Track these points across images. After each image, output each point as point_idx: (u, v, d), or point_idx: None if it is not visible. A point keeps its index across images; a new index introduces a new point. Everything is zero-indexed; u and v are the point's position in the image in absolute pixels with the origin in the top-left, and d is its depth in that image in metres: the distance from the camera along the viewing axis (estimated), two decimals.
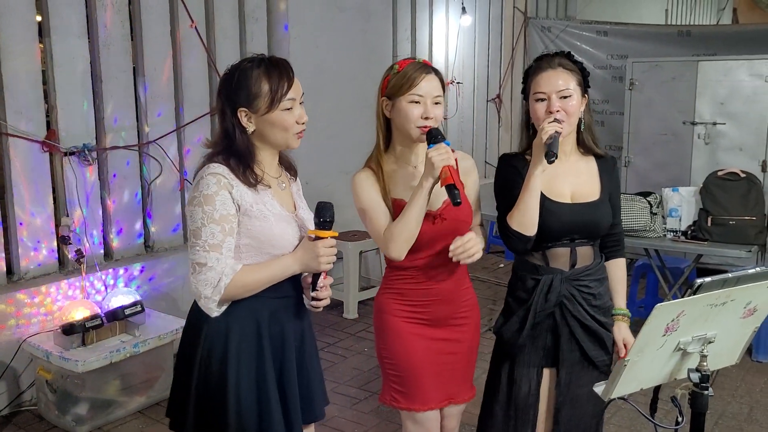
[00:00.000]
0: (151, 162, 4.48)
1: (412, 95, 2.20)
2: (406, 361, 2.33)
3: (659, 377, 1.85)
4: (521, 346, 2.38)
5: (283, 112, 1.94)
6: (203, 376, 1.99)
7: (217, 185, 1.90)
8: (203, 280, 1.89)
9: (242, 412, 1.96)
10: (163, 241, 4.61)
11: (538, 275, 2.33)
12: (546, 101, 2.26)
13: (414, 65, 2.23)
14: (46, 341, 3.71)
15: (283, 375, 2.05)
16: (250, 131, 1.97)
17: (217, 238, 1.89)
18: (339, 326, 5.19)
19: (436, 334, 2.35)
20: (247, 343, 1.99)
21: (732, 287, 1.71)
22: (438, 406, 2.39)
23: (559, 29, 7.87)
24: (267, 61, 1.97)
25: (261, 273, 1.95)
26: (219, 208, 1.89)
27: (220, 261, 1.89)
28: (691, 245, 4.45)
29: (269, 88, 1.92)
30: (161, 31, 4.45)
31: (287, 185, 2.14)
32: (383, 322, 2.38)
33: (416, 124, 2.20)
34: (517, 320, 2.37)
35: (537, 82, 2.29)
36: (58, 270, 4.07)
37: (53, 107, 3.97)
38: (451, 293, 2.35)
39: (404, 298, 2.34)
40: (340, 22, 5.60)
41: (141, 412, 3.86)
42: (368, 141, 2.43)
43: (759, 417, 3.84)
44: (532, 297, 2.33)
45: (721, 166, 5.06)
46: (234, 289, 1.91)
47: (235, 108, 1.95)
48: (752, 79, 5.77)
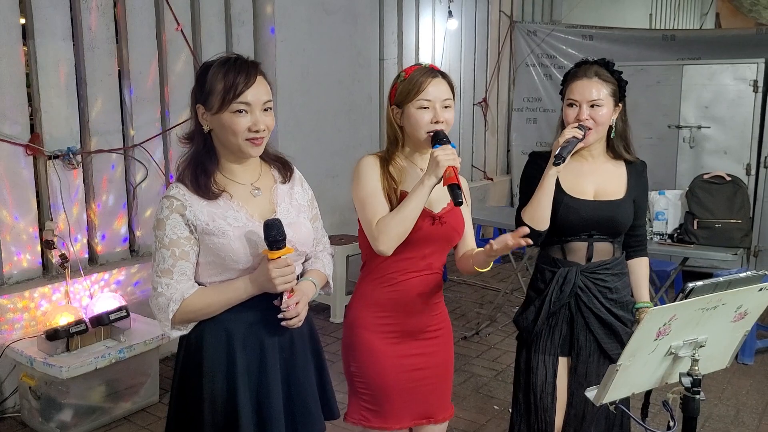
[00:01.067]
0: (136, 166, 4.45)
1: (420, 101, 2.16)
2: (379, 377, 2.25)
3: (651, 381, 1.84)
4: (537, 335, 2.49)
5: (233, 115, 1.85)
6: (181, 387, 1.97)
7: (169, 209, 1.88)
8: (155, 305, 1.89)
9: (218, 427, 1.92)
10: (149, 246, 4.56)
11: (556, 267, 2.46)
12: (577, 108, 2.38)
13: (420, 71, 2.20)
14: (30, 347, 3.66)
15: (262, 391, 1.96)
16: (206, 130, 1.91)
17: (167, 263, 1.87)
18: (326, 330, 5.17)
19: (409, 350, 2.28)
20: (218, 355, 1.93)
21: (723, 291, 1.71)
22: (411, 424, 2.32)
23: (545, 33, 7.91)
24: (232, 61, 1.89)
25: (213, 298, 1.90)
26: (169, 233, 1.87)
27: (170, 286, 1.86)
28: (677, 248, 4.47)
29: (222, 87, 1.84)
30: (147, 33, 4.42)
31: (267, 190, 2.02)
32: (355, 337, 2.28)
33: (426, 129, 2.17)
34: (533, 310, 2.49)
35: (571, 88, 2.40)
36: (42, 275, 4.03)
37: (37, 110, 3.92)
38: (423, 303, 2.27)
39: (379, 308, 2.25)
40: (326, 25, 5.58)
41: (126, 418, 3.82)
42: (355, 144, 2.43)
43: (746, 419, 3.86)
44: (548, 288, 2.45)
45: (706, 170, 5.10)
46: (183, 314, 1.88)
47: (195, 103, 1.92)
48: (736, 83, 5.82)
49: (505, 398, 4.09)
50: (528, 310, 2.51)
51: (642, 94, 6.24)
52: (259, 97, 1.88)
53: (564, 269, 2.44)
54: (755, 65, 5.74)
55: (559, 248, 2.47)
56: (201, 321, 1.94)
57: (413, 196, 2.10)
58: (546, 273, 2.49)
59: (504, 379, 4.36)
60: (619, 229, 2.47)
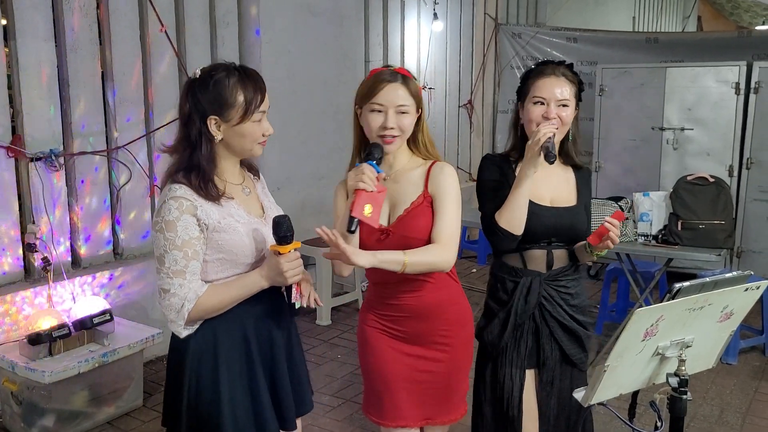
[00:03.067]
0: (120, 168, 4.41)
1: (372, 104, 2.16)
2: (377, 373, 2.29)
3: (638, 382, 1.85)
4: (503, 348, 2.40)
5: (253, 124, 1.96)
6: (194, 387, 1.98)
7: (179, 210, 1.89)
8: (167, 306, 1.92)
9: (239, 422, 1.97)
10: (133, 249, 4.53)
11: (517, 277, 2.38)
12: (544, 106, 2.31)
13: (380, 74, 2.18)
14: (12, 351, 3.62)
15: (275, 377, 2.07)
16: (218, 140, 1.96)
17: (180, 264, 1.89)
18: (312, 333, 5.15)
19: (412, 351, 2.27)
20: (236, 350, 2.00)
21: (710, 291, 1.72)
22: (413, 424, 2.30)
23: (530, 35, 7.94)
24: (241, 71, 1.97)
25: (226, 294, 1.95)
26: (181, 234, 1.89)
27: (183, 286, 1.90)
28: (661, 249, 4.49)
29: (244, 100, 1.92)
30: (130, 35, 4.38)
31: (252, 189, 2.13)
32: (361, 332, 2.37)
33: (376, 133, 2.17)
34: (498, 323, 2.41)
35: (538, 86, 2.33)
36: (23, 278, 3.98)
37: (19, 112, 3.88)
38: (425, 310, 2.24)
39: (376, 311, 2.32)
40: (311, 27, 5.57)
41: (110, 423, 3.78)
42: (341, 146, 2.43)
43: (730, 419, 3.88)
44: (512, 299, 2.37)
45: (689, 171, 5.13)
46: (198, 312, 1.92)
47: (205, 116, 1.93)
48: (719, 86, 5.87)
49: None
50: (492, 324, 2.41)
51: (625, 96, 6.29)
52: (267, 104, 2.02)
53: (527, 279, 2.36)
54: (737, 68, 5.79)
55: (518, 257, 2.38)
56: (211, 319, 1.98)
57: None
58: (507, 283, 2.40)
59: None
60: (578, 236, 2.40)
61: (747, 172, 5.85)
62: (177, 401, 2.01)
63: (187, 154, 1.95)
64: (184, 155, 1.96)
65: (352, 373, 4.41)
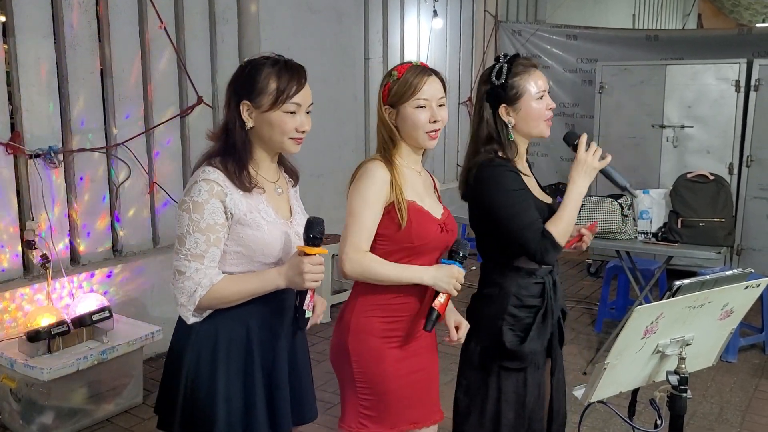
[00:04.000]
0: (119, 165, 4.40)
1: (417, 100, 2.12)
2: (383, 384, 2.20)
3: (638, 380, 1.85)
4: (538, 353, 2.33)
5: (284, 114, 1.93)
6: (192, 380, 1.96)
7: (209, 193, 1.87)
8: (180, 288, 1.87)
9: (232, 419, 1.95)
10: (132, 246, 4.52)
11: (540, 279, 2.31)
12: (544, 99, 2.28)
13: (414, 69, 2.15)
14: (11, 348, 3.61)
15: (273, 382, 2.02)
16: (249, 126, 1.95)
17: (200, 248, 1.86)
18: (311, 330, 5.08)
19: (406, 352, 2.24)
20: (236, 349, 1.97)
21: (710, 289, 1.71)
22: (405, 428, 2.27)
23: (530, 33, 7.93)
24: (283, 62, 1.97)
25: (241, 286, 1.91)
26: (206, 218, 1.86)
27: (200, 271, 1.86)
28: (661, 247, 4.49)
29: (276, 87, 1.92)
30: (129, 31, 4.37)
31: (285, 190, 2.10)
32: (360, 343, 2.20)
33: (425, 129, 2.13)
34: (536, 329, 2.29)
35: (536, 81, 2.28)
36: (22, 275, 3.98)
37: (18, 108, 3.87)
38: (424, 305, 2.22)
39: (384, 314, 2.19)
40: (311, 24, 5.56)
41: (109, 420, 3.77)
42: (340, 143, 2.41)
43: (729, 417, 3.88)
44: (545, 300, 2.30)
45: (689, 169, 5.13)
46: (209, 300, 1.88)
47: (239, 100, 1.94)
48: (719, 83, 5.86)
49: None
50: (531, 334, 2.28)
51: (625, 93, 6.29)
52: (306, 100, 1.97)
53: (548, 278, 2.32)
54: (737, 65, 5.78)
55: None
56: (216, 315, 1.94)
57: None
58: (531, 287, 2.30)
59: None
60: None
61: (747, 170, 5.84)
62: (173, 394, 2.00)
63: (224, 139, 1.96)
64: (222, 140, 1.97)
65: None
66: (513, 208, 2.21)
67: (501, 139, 2.30)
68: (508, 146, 2.29)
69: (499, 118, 2.30)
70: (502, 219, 2.22)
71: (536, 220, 2.21)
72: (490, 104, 2.31)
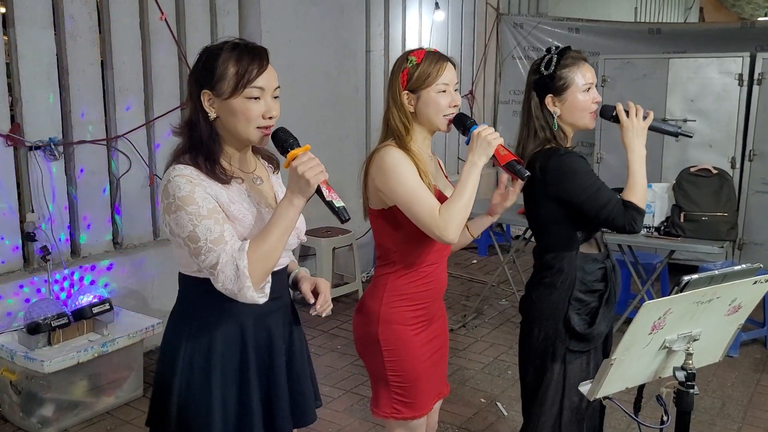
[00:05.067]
0: (119, 157, 4.38)
1: (439, 84, 2.17)
2: (415, 370, 2.27)
3: (644, 376, 1.83)
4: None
5: (247, 100, 1.78)
6: (185, 387, 1.88)
7: (189, 184, 1.75)
8: (224, 279, 1.71)
9: (228, 426, 1.88)
10: (132, 238, 4.51)
11: (602, 263, 2.39)
12: (590, 92, 2.36)
13: (433, 55, 2.20)
14: (11, 341, 3.60)
15: (271, 384, 1.95)
16: (212, 117, 1.82)
17: (215, 231, 1.73)
18: (311, 323, 5.13)
19: (429, 334, 2.34)
20: (231, 354, 1.88)
21: (718, 284, 1.70)
22: (432, 405, 2.40)
23: (531, 26, 7.89)
24: (242, 46, 1.83)
25: (269, 233, 1.75)
26: (203, 204, 1.74)
27: (227, 252, 1.72)
28: (663, 241, 4.48)
29: (235, 72, 1.78)
30: (130, 23, 4.34)
31: (265, 180, 1.99)
32: (393, 333, 2.25)
33: (444, 113, 2.19)
34: (604, 312, 2.37)
35: (584, 73, 2.36)
36: (23, 267, 3.96)
37: (18, 100, 3.84)
38: (444, 287, 2.37)
39: (413, 302, 2.26)
40: (313, 16, 5.53)
41: (109, 413, 3.77)
42: (341, 137, 2.39)
43: (731, 411, 3.88)
44: (608, 284, 2.38)
45: (691, 163, 5.10)
46: (255, 266, 1.71)
47: (199, 90, 1.81)
48: (722, 77, 5.83)
49: (492, 391, 4.08)
50: (597, 318, 2.36)
51: (628, 87, 6.25)
52: (271, 83, 1.83)
53: (609, 262, 2.41)
54: (740, 59, 5.75)
55: (593, 242, 2.42)
56: (209, 315, 1.86)
57: (470, 180, 2.10)
58: (596, 272, 2.38)
59: (490, 372, 4.35)
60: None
61: (750, 164, 5.82)
62: (166, 400, 1.91)
63: (189, 134, 1.84)
64: (187, 135, 1.85)
65: (351, 364, 4.40)
66: (591, 189, 2.28)
67: (551, 129, 2.39)
68: (559, 135, 2.38)
69: (546, 108, 2.37)
70: (584, 202, 2.29)
71: (614, 196, 2.30)
72: (537, 94, 2.39)
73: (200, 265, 1.75)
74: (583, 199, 2.28)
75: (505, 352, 4.66)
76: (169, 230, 1.79)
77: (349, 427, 3.66)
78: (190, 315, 1.91)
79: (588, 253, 2.38)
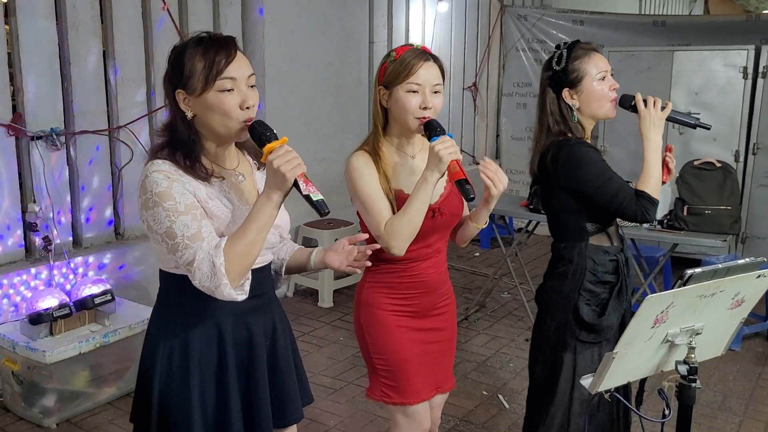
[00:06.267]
0: (121, 147, 4.37)
1: (409, 84, 2.10)
2: (397, 354, 2.29)
3: (646, 369, 1.82)
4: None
5: (220, 94, 1.72)
6: (164, 387, 1.86)
7: (167, 180, 1.71)
8: (201, 277, 1.68)
9: (208, 426, 1.85)
10: (134, 229, 4.50)
11: (614, 256, 2.40)
12: (606, 80, 2.36)
13: (412, 52, 2.14)
14: (13, 331, 3.60)
15: (251, 383, 1.91)
16: (190, 116, 1.77)
17: (192, 227, 1.69)
18: (313, 315, 5.13)
19: (422, 325, 2.33)
20: (208, 352, 1.85)
21: (722, 278, 1.69)
22: (428, 397, 2.38)
23: (536, 18, 7.85)
24: (206, 39, 1.77)
25: (246, 230, 1.70)
26: (180, 199, 1.70)
27: (203, 249, 1.68)
28: (667, 234, 4.46)
29: (203, 65, 1.72)
30: (132, 13, 4.33)
31: (248, 176, 1.94)
32: (371, 316, 2.30)
33: (414, 114, 2.12)
34: (613, 305, 2.38)
35: (596, 63, 2.36)
36: (24, 258, 3.96)
37: (19, 90, 3.83)
38: (435, 283, 2.33)
39: (393, 291, 2.28)
40: (315, 7, 5.51)
41: (111, 403, 3.77)
42: (343, 128, 2.38)
43: (732, 405, 3.87)
44: (620, 276, 2.39)
45: (695, 156, 5.08)
46: (232, 264, 1.67)
47: (174, 90, 1.77)
48: (726, 70, 5.81)
49: (494, 384, 4.08)
50: (607, 309, 2.37)
51: (632, 79, 6.21)
52: (243, 71, 1.76)
53: (621, 255, 2.41)
54: (745, 52, 5.72)
55: (605, 235, 2.41)
56: (187, 313, 1.83)
57: (418, 195, 2.06)
58: (607, 264, 2.39)
59: (493, 365, 4.35)
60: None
61: (753, 158, 5.80)
62: (147, 400, 1.88)
63: (170, 135, 1.80)
64: (167, 137, 1.81)
65: (353, 356, 4.40)
66: (602, 178, 2.31)
67: (567, 122, 2.39)
68: (575, 127, 2.38)
69: (563, 102, 2.38)
70: (595, 190, 2.31)
71: (625, 185, 2.31)
72: (553, 89, 2.41)
73: (177, 261, 1.72)
74: (594, 188, 2.30)
75: (507, 345, 4.65)
76: (147, 226, 1.75)
77: (350, 419, 3.66)
78: (168, 312, 1.89)
79: (599, 245, 2.39)
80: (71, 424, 3.58)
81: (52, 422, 3.53)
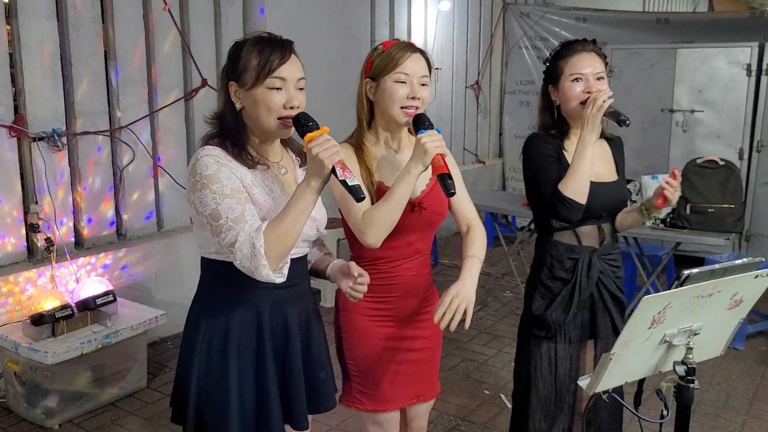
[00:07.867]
0: (123, 148, 4.38)
1: (397, 74, 2.10)
2: (369, 360, 2.24)
3: (644, 370, 1.82)
4: (564, 325, 2.43)
5: (268, 91, 1.84)
6: (204, 372, 1.93)
7: (217, 163, 1.82)
8: (242, 258, 1.74)
9: (245, 410, 1.92)
10: (136, 229, 4.51)
11: (575, 254, 2.41)
12: (583, 81, 2.35)
13: (399, 45, 2.15)
14: (15, 332, 3.61)
15: (287, 369, 1.98)
16: (239, 108, 1.90)
17: (236, 210, 1.77)
18: None
19: (402, 332, 2.26)
20: (247, 338, 1.92)
21: (719, 278, 1.68)
22: (402, 405, 2.32)
23: (538, 15, 7.84)
24: (265, 38, 1.90)
25: (286, 215, 1.76)
26: (227, 183, 1.79)
27: (245, 231, 1.75)
28: (669, 233, 4.45)
29: (257, 62, 1.84)
30: (133, 13, 4.33)
31: (290, 170, 2.03)
32: (348, 320, 2.26)
33: (401, 104, 2.11)
34: (561, 301, 2.42)
35: (573, 63, 2.38)
36: (26, 259, 3.97)
37: (21, 91, 3.84)
38: (416, 287, 2.26)
39: (371, 293, 2.15)
40: (317, 6, 5.50)
41: (113, 404, 3.78)
42: (346, 126, 2.36)
43: (736, 404, 3.86)
44: (575, 276, 2.40)
45: (698, 154, 5.07)
46: (272, 246, 1.73)
47: (227, 82, 1.90)
48: (729, 67, 5.78)
49: (496, 383, 4.07)
50: (554, 303, 2.42)
51: (635, 77, 6.21)
52: (293, 73, 1.87)
53: (585, 255, 2.41)
54: (749, 49, 5.70)
55: (572, 234, 2.42)
56: (226, 299, 1.91)
57: (399, 186, 2.03)
58: (566, 261, 2.42)
59: (494, 364, 4.34)
60: (622, 209, 2.52)
61: (757, 156, 5.78)
62: (186, 383, 1.96)
63: (219, 124, 1.92)
64: (217, 125, 1.92)
65: None
66: (538, 174, 2.39)
67: (552, 117, 2.46)
68: (559, 125, 2.43)
69: (549, 98, 2.46)
70: (530, 185, 2.43)
71: (554, 181, 2.32)
72: (544, 85, 2.49)
73: (221, 243, 1.79)
74: (529, 182, 2.43)
75: (509, 344, 4.64)
76: (193, 209, 1.84)
77: (351, 419, 3.66)
78: (209, 298, 1.96)
79: (565, 243, 2.43)
80: (73, 424, 3.58)
81: (55, 423, 3.53)
